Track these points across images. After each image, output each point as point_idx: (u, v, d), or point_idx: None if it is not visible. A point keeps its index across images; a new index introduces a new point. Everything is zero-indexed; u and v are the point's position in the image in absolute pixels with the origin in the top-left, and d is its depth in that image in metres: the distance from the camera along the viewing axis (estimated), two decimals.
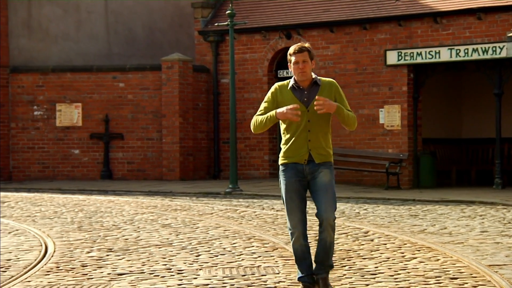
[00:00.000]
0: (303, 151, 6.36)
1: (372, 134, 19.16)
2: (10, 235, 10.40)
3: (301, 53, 6.34)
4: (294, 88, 6.41)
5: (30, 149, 21.00)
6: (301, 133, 6.35)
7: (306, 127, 6.35)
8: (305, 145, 6.36)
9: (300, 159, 6.37)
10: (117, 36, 23.12)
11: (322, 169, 6.37)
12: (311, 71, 6.40)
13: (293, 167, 6.38)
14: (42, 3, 21.72)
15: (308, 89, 6.39)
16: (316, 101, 6.25)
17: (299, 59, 6.34)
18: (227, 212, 13.26)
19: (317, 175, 6.36)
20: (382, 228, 11.03)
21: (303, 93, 6.38)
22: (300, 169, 6.38)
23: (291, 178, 6.36)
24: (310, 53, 6.38)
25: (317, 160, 6.37)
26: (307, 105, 6.37)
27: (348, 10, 19.65)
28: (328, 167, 6.41)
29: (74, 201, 15.31)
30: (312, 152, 6.37)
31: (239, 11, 20.20)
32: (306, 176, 6.39)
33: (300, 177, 6.38)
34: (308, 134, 6.34)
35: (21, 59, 21.33)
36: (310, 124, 6.35)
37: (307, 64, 6.35)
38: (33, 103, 21.02)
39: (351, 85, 19.35)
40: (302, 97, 6.38)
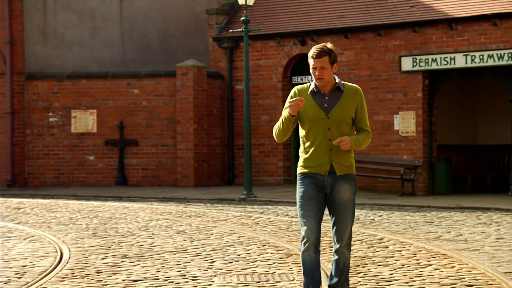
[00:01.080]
0: (324, 161, 5.87)
1: (387, 140, 19.10)
2: (26, 241, 10.44)
3: (319, 58, 5.85)
4: (314, 92, 5.94)
5: (45, 156, 21.09)
6: (322, 142, 5.86)
7: (326, 136, 5.86)
8: (326, 155, 5.87)
9: (320, 169, 5.88)
10: (132, 42, 23.19)
11: (344, 183, 5.89)
12: (333, 75, 5.94)
13: (313, 177, 5.91)
14: (58, 10, 21.82)
15: (329, 94, 5.91)
16: (338, 140, 5.82)
17: (316, 65, 5.87)
18: (242, 218, 13.25)
19: (338, 191, 5.89)
20: (397, 234, 10.99)
21: (324, 98, 5.91)
22: (320, 180, 5.89)
23: (310, 185, 5.90)
24: (330, 57, 5.87)
25: (338, 171, 5.89)
26: (327, 111, 5.86)
27: (362, 16, 19.63)
28: (350, 181, 5.93)
29: (89, 208, 15.35)
30: (334, 162, 5.87)
31: (253, 18, 20.22)
32: (326, 187, 5.91)
33: (319, 187, 5.91)
34: (329, 143, 5.85)
35: (37, 66, 21.43)
36: (331, 133, 5.86)
37: (325, 71, 5.86)
38: (48, 109, 21.11)
39: (366, 92, 19.29)
40: (322, 103, 5.90)
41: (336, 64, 5.92)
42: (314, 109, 5.88)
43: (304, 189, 5.90)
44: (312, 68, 5.90)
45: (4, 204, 16.31)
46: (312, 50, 5.89)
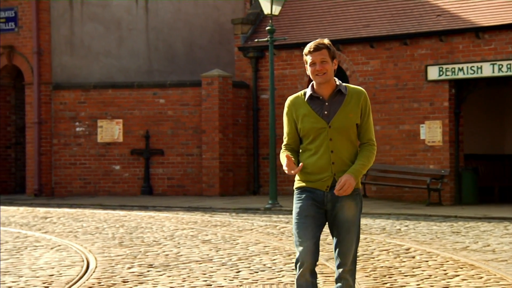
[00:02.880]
0: (325, 175, 5.17)
1: (413, 150, 19.00)
2: (53, 251, 10.49)
3: (318, 51, 5.11)
4: (311, 98, 5.17)
5: (72, 165, 21.22)
6: (323, 155, 5.16)
7: (328, 147, 5.15)
8: (328, 168, 5.16)
9: (321, 185, 5.18)
10: (157, 52, 23.31)
11: (347, 199, 5.16)
12: (333, 74, 5.16)
13: (311, 191, 5.21)
14: (84, 20, 22.00)
15: (330, 99, 5.16)
16: (338, 187, 5.11)
17: (316, 59, 5.11)
18: (267, 228, 13.23)
19: (340, 208, 5.18)
20: (423, 245, 10.91)
21: (323, 104, 5.15)
22: (320, 195, 5.19)
23: (308, 200, 5.19)
24: (330, 51, 5.15)
25: None
26: (328, 119, 5.13)
27: (388, 26, 19.58)
28: (354, 197, 5.18)
29: (115, 217, 15.41)
30: (337, 177, 5.17)
31: (279, 27, 20.24)
32: (326, 204, 5.20)
33: (320, 204, 5.21)
34: (331, 156, 5.15)
35: (64, 76, 21.60)
36: (333, 144, 5.15)
37: (327, 65, 5.12)
38: (75, 119, 21.24)
39: (392, 101, 19.25)
40: (321, 110, 5.15)
41: (336, 60, 5.20)
42: (313, 118, 5.15)
43: (301, 205, 5.20)
44: (310, 64, 5.13)
45: (32, 213, 16.42)
46: (308, 46, 5.18)
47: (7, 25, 21.59)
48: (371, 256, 9.80)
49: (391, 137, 19.24)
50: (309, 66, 5.15)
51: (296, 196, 5.25)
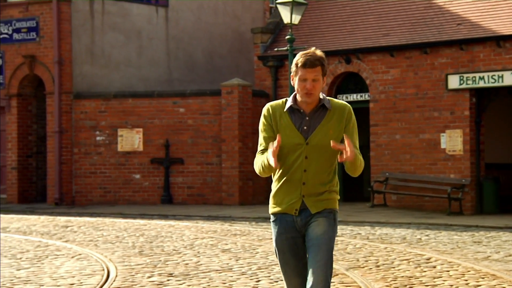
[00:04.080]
0: (293, 197, 4.65)
1: (434, 159, 18.92)
2: (73, 260, 10.53)
3: (312, 67, 4.61)
4: (292, 110, 4.69)
5: (92, 174, 21.31)
6: (295, 173, 4.63)
7: (301, 166, 4.61)
8: (297, 189, 4.64)
9: (289, 208, 4.66)
10: (177, 61, 23.39)
11: (318, 217, 4.65)
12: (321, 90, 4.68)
13: (283, 219, 4.70)
14: (105, 30, 22.12)
15: (311, 114, 4.67)
16: (346, 148, 4.51)
17: (308, 76, 4.61)
18: None
19: (310, 225, 4.67)
20: (444, 254, 10.85)
21: (304, 118, 4.66)
22: (290, 221, 4.67)
23: (281, 234, 4.70)
24: (323, 68, 4.65)
25: (313, 209, 4.66)
26: (306, 135, 4.63)
27: (408, 34, 19.53)
28: (325, 215, 4.66)
29: (135, 226, 15.44)
30: (307, 199, 4.64)
31: (298, 36, 20.25)
32: (300, 230, 4.69)
33: (293, 232, 4.69)
34: (303, 175, 4.62)
35: (84, 85, 21.72)
36: (308, 162, 4.62)
37: (317, 84, 4.62)
38: (95, 128, 21.34)
39: (412, 110, 19.19)
40: (301, 124, 4.65)
41: (325, 77, 4.72)
42: (291, 132, 4.65)
43: (276, 238, 4.72)
44: (300, 79, 4.62)
45: (52, 222, 16.50)
46: (302, 58, 4.65)
47: (28, 35, 21.76)
48: (392, 265, 9.76)
49: (411, 146, 19.17)
50: (298, 81, 4.63)
51: (271, 224, 4.77)
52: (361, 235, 13.36)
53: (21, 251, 11.39)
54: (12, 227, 15.23)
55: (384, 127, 19.51)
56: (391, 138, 19.41)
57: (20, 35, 21.83)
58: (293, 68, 4.68)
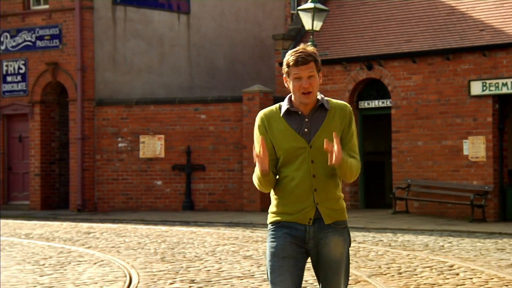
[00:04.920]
0: (307, 205, 4.32)
1: (456, 165, 18.82)
2: (96, 266, 10.57)
3: (305, 64, 4.28)
4: (289, 113, 4.38)
5: (114, 181, 21.39)
6: (304, 180, 4.31)
7: (309, 171, 4.31)
8: (309, 196, 4.32)
9: (302, 217, 4.32)
10: (199, 68, 23.45)
11: (333, 235, 4.33)
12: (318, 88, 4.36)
13: (290, 227, 4.33)
14: (127, 37, 22.23)
15: (310, 115, 4.37)
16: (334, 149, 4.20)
17: (303, 73, 4.28)
18: None
19: (325, 245, 4.32)
20: (467, 262, 10.78)
21: (303, 121, 4.36)
22: (301, 230, 4.33)
23: (285, 239, 4.31)
24: (317, 63, 4.33)
25: (327, 219, 4.34)
26: (309, 138, 4.34)
27: (431, 41, 19.46)
28: (341, 232, 4.37)
29: (157, 232, 15.48)
30: (321, 207, 4.33)
31: (320, 43, 20.24)
32: (308, 242, 4.34)
33: (298, 241, 4.33)
34: (313, 181, 4.31)
35: (107, 92, 21.83)
36: (315, 167, 4.32)
37: (314, 81, 4.31)
38: (117, 135, 21.43)
39: (434, 116, 19.10)
40: (301, 127, 4.36)
41: (321, 73, 4.41)
42: (291, 136, 4.34)
43: (277, 244, 4.31)
44: (294, 78, 4.30)
45: (75, 228, 16.58)
46: (292, 56, 4.32)
47: (51, 42, 21.92)
48: (414, 272, 9.71)
49: (433, 153, 19.08)
50: (293, 81, 4.31)
51: (270, 233, 4.36)
52: (383, 242, 13.30)
53: (44, 257, 11.45)
54: (35, 233, 15.32)
55: (406, 133, 19.43)
56: (413, 144, 19.32)
57: (43, 42, 21.99)
58: (285, 69, 4.34)
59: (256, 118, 4.44)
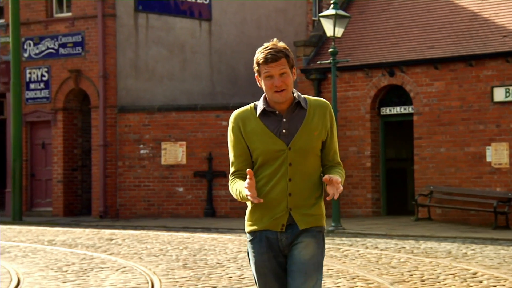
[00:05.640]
0: (279, 211, 4.08)
1: (479, 172, 18.69)
2: (118, 272, 10.60)
3: (276, 61, 4.04)
4: (265, 113, 4.11)
5: (136, 187, 21.46)
6: (278, 183, 4.06)
7: (285, 175, 4.06)
8: (283, 201, 4.07)
9: (274, 224, 4.08)
10: (220, 75, 23.49)
11: (305, 237, 4.07)
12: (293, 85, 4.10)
13: (263, 237, 4.11)
14: (149, 44, 22.32)
15: (287, 114, 4.10)
16: (330, 185, 3.95)
17: (274, 71, 4.04)
18: (330, 251, 13.14)
19: (295, 246, 4.08)
20: (491, 269, 10.69)
21: (280, 121, 4.10)
22: (274, 239, 4.09)
23: (262, 254, 4.10)
24: (289, 59, 4.10)
25: (301, 225, 4.08)
26: (287, 140, 4.08)
27: (453, 47, 19.37)
28: (314, 234, 4.08)
29: (178, 239, 15.50)
30: (294, 212, 4.07)
31: (341, 49, 20.21)
32: (283, 249, 4.11)
33: (275, 251, 4.11)
34: (289, 185, 4.05)
35: (128, 99, 21.92)
36: (293, 170, 4.06)
37: (287, 78, 4.06)
38: (139, 141, 21.51)
39: (456, 122, 19.00)
40: (278, 128, 4.09)
41: (295, 68, 4.16)
42: (268, 138, 4.08)
43: (256, 260, 4.12)
44: (265, 77, 4.06)
45: (97, 235, 16.65)
46: (262, 53, 4.08)
47: (74, 50, 22.06)
48: (437, 280, 9.65)
49: (456, 159, 18.97)
50: (264, 80, 4.07)
51: (249, 246, 4.15)
52: (405, 249, 13.24)
53: (67, 264, 11.50)
54: (58, 240, 15.40)
55: (428, 140, 19.34)
56: (436, 151, 19.23)
57: (66, 49, 22.13)
58: (256, 68, 4.10)
59: (229, 120, 4.18)
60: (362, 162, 20.32)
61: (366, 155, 20.28)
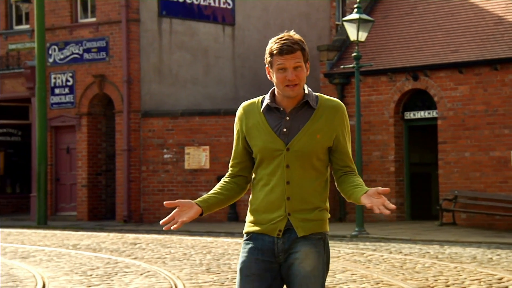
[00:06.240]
0: (278, 215, 3.81)
1: (504, 176, 18.55)
2: (142, 277, 10.63)
3: (291, 53, 3.74)
4: (269, 109, 3.83)
5: (160, 192, 21.52)
6: (276, 187, 3.81)
7: (282, 177, 3.79)
8: (281, 206, 3.81)
9: (272, 228, 3.81)
10: (243, 79, 23.52)
11: (304, 245, 3.77)
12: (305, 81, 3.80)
13: (258, 240, 3.84)
14: (173, 49, 22.40)
15: (292, 113, 3.81)
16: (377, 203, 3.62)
17: (288, 64, 3.74)
18: (354, 255, 13.09)
19: (294, 258, 3.77)
20: None
21: (283, 119, 3.80)
22: (269, 243, 3.82)
23: (252, 255, 3.83)
24: (304, 52, 3.80)
25: (299, 231, 3.80)
26: (287, 140, 3.79)
27: (478, 51, 19.26)
28: (315, 244, 3.79)
29: (202, 243, 15.52)
30: (293, 218, 3.79)
31: (365, 53, 20.15)
32: (277, 255, 3.81)
33: (268, 256, 3.81)
34: (287, 188, 3.79)
35: (152, 104, 22.00)
36: (290, 173, 3.78)
37: (300, 72, 3.76)
38: (163, 146, 21.58)
39: (481, 127, 18.87)
40: (279, 126, 3.80)
41: (308, 64, 3.83)
42: (267, 135, 3.80)
43: (243, 261, 3.84)
44: (278, 69, 3.75)
45: (121, 239, 16.71)
46: (276, 44, 3.78)
47: (98, 55, 22.19)
48: (462, 285, 9.58)
49: (481, 164, 18.84)
50: (276, 72, 3.75)
51: (242, 245, 3.90)
52: (430, 254, 13.16)
53: (91, 268, 11.56)
54: (82, 244, 15.48)
55: (452, 144, 19.23)
56: (460, 155, 19.11)
57: (90, 55, 22.27)
58: (268, 59, 3.79)
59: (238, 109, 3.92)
60: (386, 166, 20.24)
61: (390, 159, 20.20)
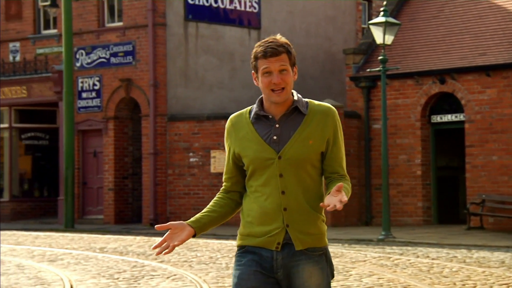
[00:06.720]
0: (275, 227, 3.61)
1: None
2: (169, 280, 10.66)
3: (276, 56, 3.61)
4: (258, 118, 3.69)
5: (186, 195, 21.58)
6: (270, 197, 3.61)
7: (277, 187, 3.61)
8: (278, 217, 3.61)
9: (269, 241, 3.61)
10: None
11: (306, 263, 3.60)
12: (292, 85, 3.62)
13: (255, 253, 3.64)
14: (199, 53, 22.47)
15: (282, 120, 3.66)
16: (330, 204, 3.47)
17: (273, 67, 3.60)
18: (381, 259, 13.04)
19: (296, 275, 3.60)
20: None
21: (273, 127, 3.65)
22: (268, 258, 3.62)
23: (250, 267, 3.61)
24: (290, 55, 3.64)
25: (298, 245, 3.61)
26: (278, 148, 3.63)
27: (506, 54, 19.12)
28: (317, 260, 3.62)
29: (228, 247, 15.53)
30: (291, 230, 3.60)
31: (391, 57, 20.08)
32: (276, 271, 3.62)
33: (266, 270, 3.62)
34: (282, 199, 3.60)
35: (178, 108, 22.08)
36: (284, 182, 3.60)
37: (287, 76, 3.61)
38: (189, 150, 21.64)
39: (509, 130, 18.72)
40: (269, 134, 3.65)
41: (296, 67, 3.68)
42: (257, 145, 3.64)
43: (241, 273, 3.62)
44: (263, 73, 3.63)
45: (148, 242, 16.77)
46: (260, 47, 3.67)
47: (125, 59, 22.31)
48: None
49: (509, 168, 18.69)
50: (261, 76, 3.63)
51: (236, 259, 3.68)
52: (457, 258, 13.07)
53: (118, 271, 11.61)
54: (109, 247, 15.56)
55: (480, 148, 19.10)
56: (488, 159, 18.97)
57: (117, 59, 22.40)
58: (252, 63, 3.68)
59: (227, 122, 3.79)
60: (413, 170, 20.14)
61: (417, 163, 20.10)
